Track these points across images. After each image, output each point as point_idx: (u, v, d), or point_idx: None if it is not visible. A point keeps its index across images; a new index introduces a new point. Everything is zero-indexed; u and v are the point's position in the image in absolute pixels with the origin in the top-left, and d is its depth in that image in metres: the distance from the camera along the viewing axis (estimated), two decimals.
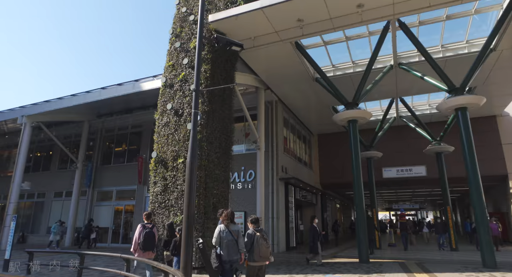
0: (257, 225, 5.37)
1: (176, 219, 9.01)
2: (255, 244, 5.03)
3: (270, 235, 14.63)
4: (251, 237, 5.12)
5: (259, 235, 5.12)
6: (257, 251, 5.00)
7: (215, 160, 9.86)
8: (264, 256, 5.04)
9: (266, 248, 5.07)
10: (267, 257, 5.09)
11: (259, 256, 5.00)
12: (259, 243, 5.03)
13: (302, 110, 18.47)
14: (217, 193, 9.78)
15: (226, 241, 5.05)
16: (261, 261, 5.08)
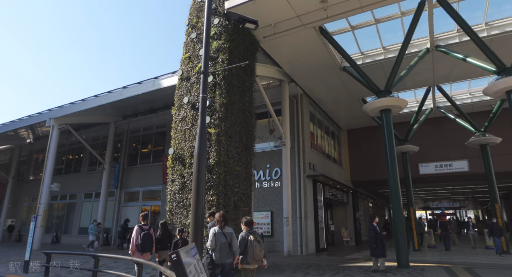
0: (251, 227, 5.33)
1: None
2: (249, 247, 5.00)
3: (298, 235, 13.80)
4: (245, 239, 5.09)
5: (252, 238, 5.08)
6: (251, 253, 4.98)
7: (235, 156, 9.21)
8: (258, 258, 5.03)
9: (259, 251, 5.05)
10: (260, 259, 5.09)
11: (253, 259, 4.98)
12: (253, 246, 5.00)
13: (329, 103, 17.46)
14: (238, 191, 9.12)
15: (219, 243, 4.95)
16: (255, 264, 5.07)
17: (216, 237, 5.00)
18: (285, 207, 13.46)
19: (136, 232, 6.53)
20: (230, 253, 5.01)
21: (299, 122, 15.19)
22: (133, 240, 6.49)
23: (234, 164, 9.10)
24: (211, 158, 8.61)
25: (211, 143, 8.78)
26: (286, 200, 13.51)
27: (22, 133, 24.74)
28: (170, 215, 9.03)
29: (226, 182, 8.62)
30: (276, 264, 10.42)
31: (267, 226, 14.59)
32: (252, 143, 10.12)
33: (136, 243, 6.45)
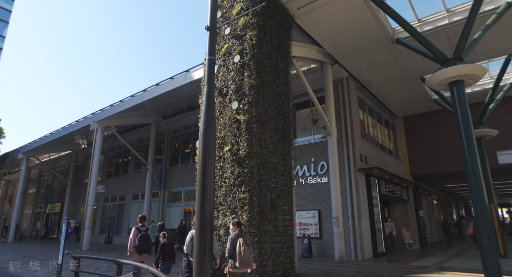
0: (240, 229, 5.11)
1: (226, 219, 7.28)
2: (238, 250, 4.75)
3: (351, 238, 12.07)
4: (234, 242, 4.84)
5: (242, 240, 4.84)
6: (240, 257, 4.75)
7: (270, 146, 7.89)
8: (247, 262, 4.80)
9: (249, 254, 4.81)
10: (249, 263, 4.87)
11: (241, 263, 4.75)
12: (242, 249, 4.75)
13: (380, 86, 15.36)
14: (276, 187, 7.79)
15: None
16: (244, 268, 4.84)
17: (193, 241, 4.56)
18: (334, 205, 11.82)
19: (134, 233, 6.56)
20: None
21: (346, 109, 13.41)
22: (130, 242, 6.55)
23: (269, 155, 7.78)
24: (241, 149, 7.39)
25: (240, 132, 7.56)
26: (335, 197, 11.86)
27: (77, 138, 25.83)
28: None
29: (260, 177, 7.34)
30: (326, 272, 8.89)
31: (315, 227, 13.05)
32: (290, 131, 8.73)
33: (133, 244, 6.49)
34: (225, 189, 7.49)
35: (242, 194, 7.09)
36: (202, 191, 3.53)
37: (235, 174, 7.32)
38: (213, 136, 3.61)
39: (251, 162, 7.23)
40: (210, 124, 3.62)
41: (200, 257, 3.34)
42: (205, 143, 3.58)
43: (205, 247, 3.36)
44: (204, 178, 3.54)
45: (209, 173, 3.56)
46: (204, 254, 3.34)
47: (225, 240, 7.29)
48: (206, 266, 3.42)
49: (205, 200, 3.51)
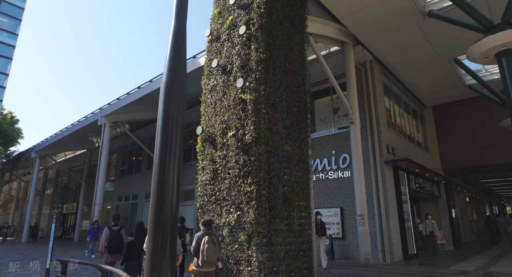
0: (208, 228, 4.97)
1: (230, 217, 6.14)
2: (201, 248, 4.66)
3: (378, 238, 10.70)
4: (199, 240, 4.76)
5: (207, 238, 4.72)
6: (202, 255, 4.63)
7: (283, 131, 6.70)
8: (210, 261, 4.67)
9: (212, 253, 4.67)
10: (213, 262, 4.73)
11: (204, 261, 4.63)
12: (205, 247, 4.63)
13: (408, 71, 13.84)
14: (289, 179, 6.59)
15: None
16: (206, 267, 4.72)
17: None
18: (359, 202, 10.50)
19: (105, 233, 6.45)
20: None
21: (370, 95, 12.02)
22: (101, 241, 6.47)
23: (281, 142, 6.59)
24: (247, 134, 6.23)
25: (246, 114, 6.41)
26: (360, 193, 10.53)
27: (90, 136, 25.44)
28: (201, 213, 6.88)
29: (270, 166, 6.16)
30: None
31: (337, 226, 11.74)
32: (306, 114, 7.50)
33: (104, 244, 6.40)
34: (229, 181, 6.36)
35: (249, 186, 5.94)
36: (160, 172, 2.37)
37: (240, 163, 6.17)
38: (181, 91, 2.43)
39: (258, 149, 6.07)
40: (177, 72, 2.44)
41: (152, 264, 2.19)
42: (167, 101, 2.41)
43: (164, 247, 2.20)
44: (164, 151, 2.39)
45: (173, 142, 2.41)
46: (161, 255, 2.18)
47: (229, 242, 6.16)
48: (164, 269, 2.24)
49: (165, 182, 2.36)
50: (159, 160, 2.28)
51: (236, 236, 6.03)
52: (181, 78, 2.40)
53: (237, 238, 6.01)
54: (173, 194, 2.26)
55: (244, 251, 5.84)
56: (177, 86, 2.39)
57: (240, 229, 5.97)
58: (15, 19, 29.65)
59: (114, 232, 6.45)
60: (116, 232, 6.48)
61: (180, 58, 2.43)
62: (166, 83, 2.36)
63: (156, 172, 2.28)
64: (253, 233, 5.72)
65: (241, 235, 5.89)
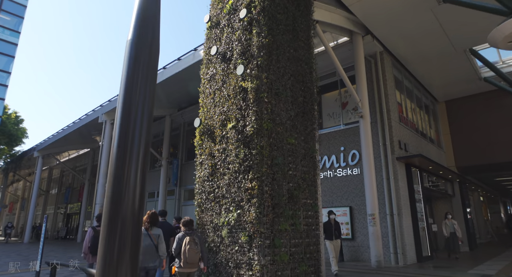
0: (189, 228, 4.88)
1: (230, 216, 5.58)
2: (183, 249, 4.60)
3: (390, 238, 10.07)
4: (180, 240, 4.69)
5: (188, 239, 4.66)
6: (184, 256, 4.59)
7: (287, 123, 6.13)
8: (192, 262, 4.63)
9: (194, 254, 4.63)
10: (195, 263, 4.68)
11: (185, 262, 4.59)
12: (187, 248, 4.58)
13: (420, 63, 13.15)
14: (295, 174, 6.01)
15: (144, 245, 4.56)
16: (188, 268, 4.68)
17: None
18: (369, 200, 9.87)
19: (88, 234, 6.23)
20: (156, 257, 4.73)
21: (381, 88, 11.37)
22: (85, 242, 6.21)
23: (286, 134, 6.01)
24: (248, 125, 5.68)
25: (247, 104, 5.85)
26: (370, 191, 9.90)
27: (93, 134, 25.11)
28: (199, 212, 6.34)
29: (273, 160, 5.60)
30: None
31: (346, 227, 11.12)
32: (312, 105, 6.92)
33: (88, 245, 6.12)
34: (228, 177, 5.80)
35: (250, 182, 5.38)
36: (118, 162, 1.81)
37: (241, 157, 5.61)
38: (152, 54, 1.85)
39: (260, 141, 5.50)
40: (147, 26, 1.86)
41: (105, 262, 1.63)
42: (132, 68, 1.81)
43: (113, 249, 1.65)
44: (125, 134, 1.82)
45: (137, 123, 1.84)
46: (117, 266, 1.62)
47: (228, 243, 5.61)
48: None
49: (124, 174, 1.79)
50: (117, 148, 1.72)
51: (236, 237, 5.48)
52: (152, 35, 1.84)
53: (237, 239, 5.45)
54: (135, 190, 1.70)
55: (245, 253, 5.28)
56: (146, 46, 1.83)
57: (241, 230, 5.41)
58: (18, 17, 29.54)
59: (98, 233, 6.03)
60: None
61: (152, 9, 1.86)
62: (131, 43, 1.80)
63: (113, 162, 1.72)
64: (255, 234, 5.16)
65: (241, 236, 5.33)
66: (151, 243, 4.66)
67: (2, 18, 28.83)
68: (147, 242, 4.64)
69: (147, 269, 4.62)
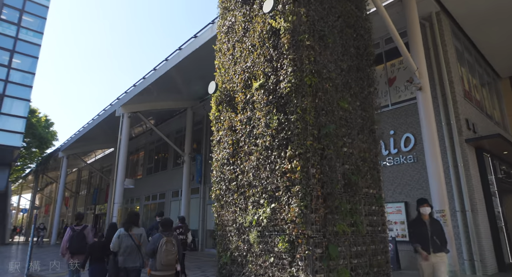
0: (166, 228, 4.48)
1: (260, 213, 3.83)
2: (159, 250, 4.26)
3: (463, 242, 7.94)
4: (156, 241, 4.33)
5: (165, 239, 4.31)
6: (159, 258, 4.24)
7: (338, 78, 4.30)
8: (167, 264, 4.27)
9: (171, 255, 4.28)
10: (171, 265, 4.32)
11: (160, 264, 4.25)
12: (163, 249, 4.26)
13: (484, 26, 10.80)
14: (351, 152, 4.17)
15: (124, 246, 4.54)
16: (164, 271, 4.30)
17: (120, 239, 4.58)
18: (436, 193, 7.76)
19: (67, 233, 6.07)
20: (138, 257, 4.60)
21: (440, 56, 9.24)
22: (63, 242, 6.13)
23: (337, 95, 4.19)
24: (283, 81, 3.91)
25: (280, 52, 4.10)
26: (436, 181, 7.79)
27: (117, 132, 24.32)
28: (218, 209, 4.64)
29: (321, 130, 3.79)
30: None
31: (401, 227, 9.11)
32: (369, 60, 5.06)
33: (66, 245, 5.99)
34: (256, 157, 4.06)
35: (288, 162, 3.61)
36: None
37: (273, 126, 3.86)
38: None
39: (301, 102, 3.72)
40: None
41: None
42: None
43: None
44: None
45: None
46: None
47: (259, 252, 3.86)
48: None
49: None
50: None
51: (270, 243, 3.73)
52: None
53: (272, 247, 3.70)
54: None
55: (285, 268, 3.52)
56: None
57: (277, 232, 3.66)
58: (40, 17, 29.45)
59: (76, 232, 6.00)
60: (79, 232, 6.02)
61: None
62: None
63: None
64: (299, 239, 3.39)
65: (278, 242, 3.57)
66: (132, 244, 4.57)
67: (26, 20, 28.80)
68: (128, 243, 4.57)
69: (127, 269, 4.56)
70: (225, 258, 4.22)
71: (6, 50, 27.32)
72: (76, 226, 6.17)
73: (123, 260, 4.53)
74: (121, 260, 4.55)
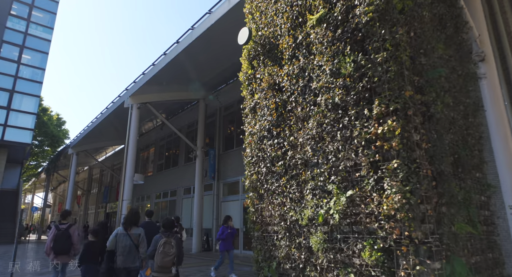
0: (167, 229, 4.51)
1: (328, 206, 2.50)
2: (157, 251, 4.28)
3: None
4: (156, 243, 4.37)
5: (164, 240, 4.32)
6: (156, 259, 4.27)
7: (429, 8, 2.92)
8: (163, 266, 4.22)
9: (167, 257, 4.24)
10: (167, 267, 4.25)
11: (157, 266, 4.26)
12: (160, 251, 4.26)
13: None
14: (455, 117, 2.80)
15: (122, 245, 4.49)
16: (160, 273, 4.26)
17: (118, 238, 4.56)
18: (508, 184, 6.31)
19: (51, 232, 5.91)
20: (137, 257, 4.58)
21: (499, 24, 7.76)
22: (48, 241, 5.91)
23: (433, 35, 2.81)
24: (360, 5, 2.55)
25: None
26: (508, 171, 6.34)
27: None
28: (254, 201, 3.34)
29: (426, 75, 2.44)
30: None
31: None
32: None
33: (50, 245, 5.78)
34: (317, 122, 2.73)
35: (377, 124, 2.28)
36: None
37: (347, 72, 2.52)
38: None
39: (390, 33, 2.38)
40: None
41: None
42: None
43: None
44: None
45: None
46: None
47: (326, 264, 2.53)
48: None
49: None
50: None
51: (347, 251, 2.41)
52: None
53: (350, 257, 2.38)
54: None
55: None
56: None
57: (359, 234, 2.33)
58: (50, 13, 28.83)
59: (60, 231, 5.80)
60: (64, 231, 5.80)
61: None
62: None
63: None
64: (402, 246, 2.06)
65: (366, 250, 2.24)
66: (130, 243, 4.53)
67: (35, 15, 28.18)
68: (126, 243, 4.53)
69: (128, 269, 4.52)
70: (269, 271, 2.92)
71: (16, 46, 26.76)
72: (61, 224, 5.95)
73: (123, 260, 4.46)
74: (121, 260, 4.46)
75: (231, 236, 7.46)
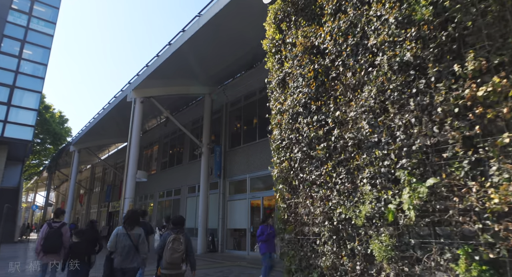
0: (177, 226, 4.44)
1: (396, 199, 1.85)
2: (165, 248, 4.24)
3: None
4: (164, 240, 4.33)
5: (173, 237, 4.27)
6: (165, 256, 4.22)
7: None
8: (172, 262, 4.18)
9: (176, 254, 4.20)
10: (176, 264, 4.21)
11: (165, 263, 4.21)
12: (168, 247, 4.22)
13: None
14: None
15: (122, 246, 4.42)
16: (170, 270, 4.22)
17: (118, 238, 4.48)
18: None
19: (42, 230, 5.80)
20: (136, 258, 4.53)
21: None
22: (38, 240, 5.92)
23: None
24: None
25: None
26: None
27: None
28: (285, 193, 2.69)
29: None
30: None
31: None
32: None
33: (40, 243, 5.68)
34: (377, 89, 2.07)
35: (473, 83, 1.61)
36: None
37: (423, 16, 1.85)
38: None
39: None
40: None
41: None
42: None
43: None
44: None
45: None
46: None
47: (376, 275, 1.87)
48: None
49: None
50: None
51: (428, 261, 1.74)
52: None
53: (430, 269, 1.72)
54: None
55: None
56: None
57: (448, 239, 1.67)
58: (53, 7, 28.32)
59: (53, 229, 5.72)
60: (56, 229, 5.70)
61: None
62: None
63: None
64: None
65: (461, 260, 1.57)
66: (130, 244, 4.48)
67: (37, 9, 27.69)
68: (126, 243, 4.47)
69: (124, 270, 4.45)
70: None
71: (17, 40, 26.27)
72: (54, 222, 5.81)
73: (121, 261, 4.41)
74: (119, 261, 4.41)
75: (272, 236, 6.71)
